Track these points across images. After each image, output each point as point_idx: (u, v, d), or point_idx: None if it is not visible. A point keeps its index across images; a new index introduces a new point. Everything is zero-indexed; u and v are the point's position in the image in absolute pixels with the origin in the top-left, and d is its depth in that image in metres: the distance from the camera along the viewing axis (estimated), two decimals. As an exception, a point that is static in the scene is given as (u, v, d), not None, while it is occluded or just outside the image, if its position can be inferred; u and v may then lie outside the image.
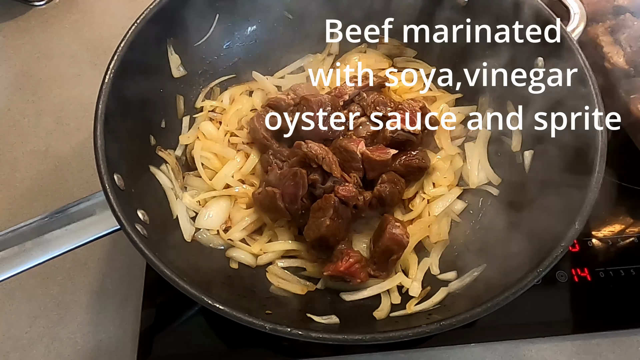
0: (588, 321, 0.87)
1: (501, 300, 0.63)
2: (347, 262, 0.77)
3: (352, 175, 0.84)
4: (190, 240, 0.83)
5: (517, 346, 0.85)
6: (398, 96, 1.00)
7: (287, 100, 0.92)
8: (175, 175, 0.89)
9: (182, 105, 0.97)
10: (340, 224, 0.80)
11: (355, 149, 0.84)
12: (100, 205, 0.72)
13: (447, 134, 0.95)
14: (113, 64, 0.78)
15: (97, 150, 0.71)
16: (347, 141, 0.86)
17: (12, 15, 1.30)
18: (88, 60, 1.22)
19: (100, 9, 1.31)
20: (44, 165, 1.06)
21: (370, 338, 0.61)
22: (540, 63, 0.85)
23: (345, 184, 0.81)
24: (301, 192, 0.81)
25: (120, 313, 0.89)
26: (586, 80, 0.78)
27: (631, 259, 0.92)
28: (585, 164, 0.72)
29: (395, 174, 0.86)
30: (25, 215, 0.99)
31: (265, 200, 0.83)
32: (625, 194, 1.00)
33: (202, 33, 0.97)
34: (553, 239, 0.67)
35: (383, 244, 0.79)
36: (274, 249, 0.85)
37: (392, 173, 0.86)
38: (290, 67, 1.06)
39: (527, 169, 0.87)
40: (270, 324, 0.61)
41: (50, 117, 1.13)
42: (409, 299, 0.79)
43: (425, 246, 0.87)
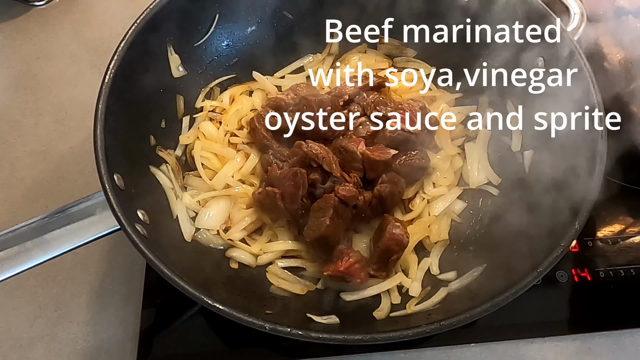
0: (588, 321, 0.87)
1: (501, 300, 0.63)
2: (347, 262, 0.77)
3: (352, 175, 0.84)
4: (190, 241, 0.83)
5: (517, 346, 0.85)
6: (398, 96, 1.00)
7: (287, 100, 0.92)
8: (175, 175, 0.89)
9: (182, 105, 0.97)
10: (340, 223, 0.80)
11: (355, 149, 0.84)
12: (100, 205, 0.72)
13: (447, 134, 0.95)
14: (113, 64, 0.78)
15: (97, 150, 0.71)
16: (347, 141, 0.86)
17: (12, 15, 1.30)
18: (88, 60, 1.21)
19: (100, 9, 1.31)
20: (44, 165, 1.06)
21: (370, 338, 0.61)
22: (540, 63, 0.85)
23: (345, 184, 0.81)
24: (301, 192, 0.81)
25: (120, 313, 0.89)
26: (586, 80, 0.78)
27: (631, 259, 0.92)
28: (586, 164, 0.72)
29: (396, 174, 0.86)
30: (25, 215, 0.98)
31: (266, 200, 0.83)
32: (626, 194, 1.00)
33: (202, 33, 0.98)
34: (553, 239, 0.68)
35: (383, 244, 0.79)
36: (273, 249, 0.85)
37: (392, 173, 0.86)
38: (290, 67, 1.06)
39: (527, 169, 0.87)
40: (270, 324, 0.61)
41: (50, 117, 1.13)
42: (409, 299, 0.79)
43: (425, 246, 0.87)
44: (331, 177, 0.82)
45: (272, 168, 0.86)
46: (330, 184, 0.82)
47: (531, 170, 0.87)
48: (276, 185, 0.83)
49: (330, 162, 0.82)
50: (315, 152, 0.81)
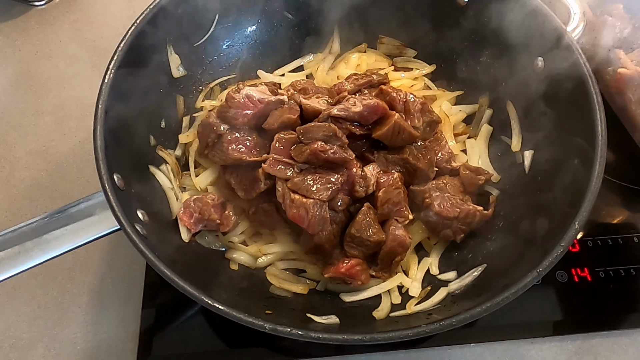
0: (588, 321, 0.87)
1: (501, 300, 0.63)
2: (348, 263, 0.77)
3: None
4: (188, 241, 0.83)
5: (517, 346, 0.85)
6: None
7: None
8: (174, 175, 0.89)
9: (182, 105, 0.97)
10: (333, 229, 0.79)
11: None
12: (100, 205, 0.72)
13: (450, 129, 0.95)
14: (113, 64, 0.78)
15: (97, 150, 0.71)
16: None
17: (12, 15, 1.30)
18: (88, 60, 1.22)
19: (100, 9, 1.31)
20: (44, 165, 1.06)
21: (370, 338, 0.61)
22: (540, 63, 0.85)
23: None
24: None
25: (120, 313, 0.89)
26: (586, 80, 0.77)
27: (631, 259, 0.92)
28: (585, 163, 0.72)
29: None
30: (25, 215, 0.99)
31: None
32: (625, 194, 1.00)
33: (202, 33, 0.97)
34: (553, 239, 0.67)
35: (387, 246, 0.79)
36: (273, 251, 0.85)
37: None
38: (290, 66, 1.06)
39: (527, 169, 0.87)
40: (270, 324, 0.61)
41: (50, 117, 1.13)
42: (409, 299, 0.79)
43: (425, 246, 0.87)
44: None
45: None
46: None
47: (531, 170, 0.87)
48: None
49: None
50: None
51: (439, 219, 0.82)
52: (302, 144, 0.79)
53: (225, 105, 0.83)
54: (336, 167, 0.79)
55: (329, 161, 0.78)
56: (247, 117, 0.82)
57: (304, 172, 0.79)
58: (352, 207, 0.83)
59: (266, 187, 0.80)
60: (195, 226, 0.82)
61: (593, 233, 0.95)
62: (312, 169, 0.79)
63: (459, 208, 0.82)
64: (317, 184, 0.77)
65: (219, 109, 0.84)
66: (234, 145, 0.82)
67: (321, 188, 0.76)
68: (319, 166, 0.79)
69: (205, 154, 0.87)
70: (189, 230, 0.82)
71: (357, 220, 0.79)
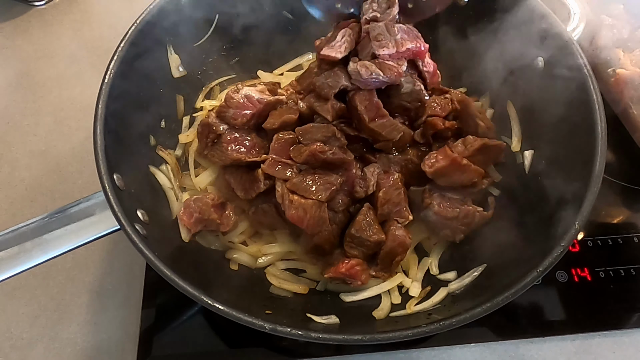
0: (588, 321, 0.87)
1: (501, 300, 0.63)
2: (348, 264, 0.77)
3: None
4: (188, 241, 0.83)
5: (517, 346, 0.85)
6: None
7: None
8: (174, 175, 0.89)
9: (182, 105, 0.97)
10: (333, 230, 0.79)
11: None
12: (100, 205, 0.72)
13: None
14: (113, 64, 0.78)
15: (97, 150, 0.71)
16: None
17: (12, 15, 1.30)
18: (88, 60, 1.22)
19: (100, 9, 1.32)
20: (44, 165, 1.06)
21: (370, 338, 0.61)
22: (540, 63, 0.85)
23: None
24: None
25: (120, 313, 0.89)
26: (586, 80, 0.77)
27: (631, 259, 0.92)
28: (585, 163, 0.72)
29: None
30: (25, 215, 0.99)
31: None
32: (625, 194, 1.00)
33: (202, 33, 0.97)
34: (553, 239, 0.68)
35: (387, 246, 0.79)
36: (272, 251, 0.85)
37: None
38: (289, 65, 1.06)
39: (527, 169, 0.87)
40: (270, 324, 0.61)
41: (50, 117, 1.13)
42: (409, 299, 0.79)
43: (425, 247, 0.87)
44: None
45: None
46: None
47: (531, 171, 0.87)
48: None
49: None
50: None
51: (439, 219, 0.82)
52: (301, 144, 0.79)
53: (224, 106, 0.83)
54: (335, 168, 0.79)
55: (327, 162, 0.78)
56: (246, 117, 0.82)
57: (303, 173, 0.79)
58: (352, 207, 0.83)
59: (266, 188, 0.80)
60: (195, 226, 0.82)
61: (593, 233, 0.95)
62: (311, 169, 0.79)
63: (459, 208, 0.82)
64: (316, 184, 0.77)
65: (218, 109, 0.84)
66: (233, 145, 0.83)
67: (320, 189, 0.77)
68: (318, 167, 0.79)
69: (205, 154, 0.86)
70: (189, 230, 0.82)
71: (357, 221, 0.79)
